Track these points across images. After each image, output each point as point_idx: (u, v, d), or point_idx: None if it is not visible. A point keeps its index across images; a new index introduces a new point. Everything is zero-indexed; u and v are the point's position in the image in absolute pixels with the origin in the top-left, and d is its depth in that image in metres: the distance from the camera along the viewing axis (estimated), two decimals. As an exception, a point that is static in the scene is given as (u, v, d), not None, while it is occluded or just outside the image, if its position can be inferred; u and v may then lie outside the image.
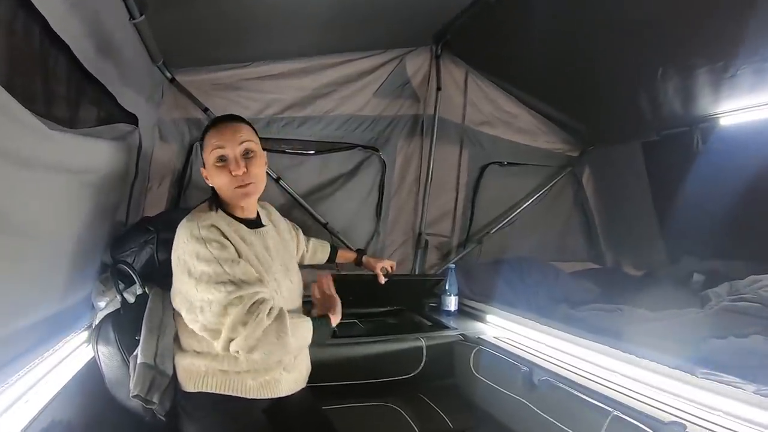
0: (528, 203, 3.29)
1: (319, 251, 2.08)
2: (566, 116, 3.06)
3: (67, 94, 1.28)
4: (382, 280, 2.12)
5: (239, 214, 1.48)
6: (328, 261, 2.14)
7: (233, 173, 1.37)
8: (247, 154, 1.40)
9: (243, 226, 1.46)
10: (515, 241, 3.29)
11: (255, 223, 1.53)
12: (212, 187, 1.45)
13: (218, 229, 1.35)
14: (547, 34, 2.21)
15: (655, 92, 2.33)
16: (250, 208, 1.52)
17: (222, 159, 1.38)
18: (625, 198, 3.26)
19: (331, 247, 2.14)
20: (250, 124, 1.48)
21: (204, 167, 1.44)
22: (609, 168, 3.29)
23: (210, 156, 1.39)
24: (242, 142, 1.40)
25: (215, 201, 1.45)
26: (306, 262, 2.04)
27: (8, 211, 0.93)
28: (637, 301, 2.33)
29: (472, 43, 2.71)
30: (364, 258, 2.17)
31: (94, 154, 1.34)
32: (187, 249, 1.30)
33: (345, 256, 2.18)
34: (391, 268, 2.18)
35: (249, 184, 1.40)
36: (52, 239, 1.22)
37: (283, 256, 1.59)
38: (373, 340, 2.11)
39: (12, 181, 0.91)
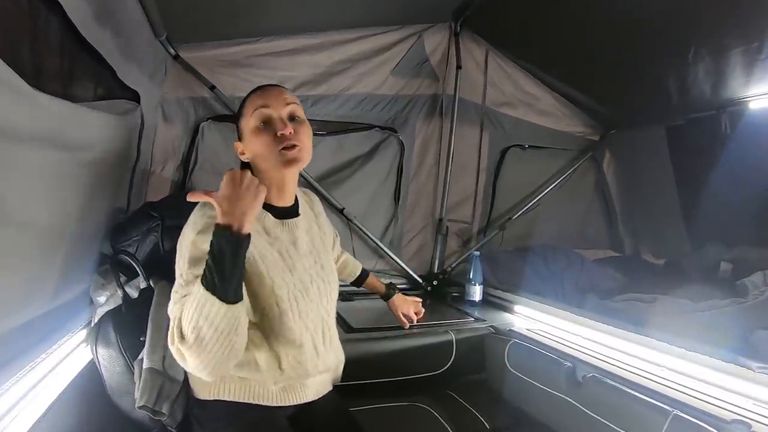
0: (549, 188, 3.19)
1: (349, 267, 1.85)
2: (589, 98, 2.97)
3: (60, 63, 1.15)
4: (406, 325, 1.88)
5: (273, 199, 1.28)
6: (353, 283, 1.88)
7: (279, 132, 1.18)
8: (293, 119, 1.24)
9: (270, 216, 1.27)
10: (536, 228, 3.20)
11: (287, 213, 1.32)
12: (244, 164, 1.27)
13: None
14: (572, 12, 2.14)
15: (684, 74, 2.25)
16: (288, 190, 1.31)
17: (266, 122, 1.21)
18: (646, 183, 3.18)
19: (362, 270, 1.89)
20: (291, 92, 1.30)
21: (240, 140, 1.27)
22: (630, 152, 3.21)
23: (250, 120, 1.21)
24: (288, 104, 1.23)
25: None
26: None
27: None
28: (669, 290, 2.27)
29: (493, 21, 2.62)
30: (390, 300, 1.87)
31: (92, 128, 1.20)
32: (183, 235, 1.12)
33: (374, 285, 1.89)
34: (417, 314, 1.91)
35: (296, 146, 1.20)
36: (44, 226, 1.07)
37: (319, 252, 1.39)
38: (399, 334, 1.99)
39: None
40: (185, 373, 1.28)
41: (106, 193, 1.49)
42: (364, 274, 1.88)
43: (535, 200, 3.15)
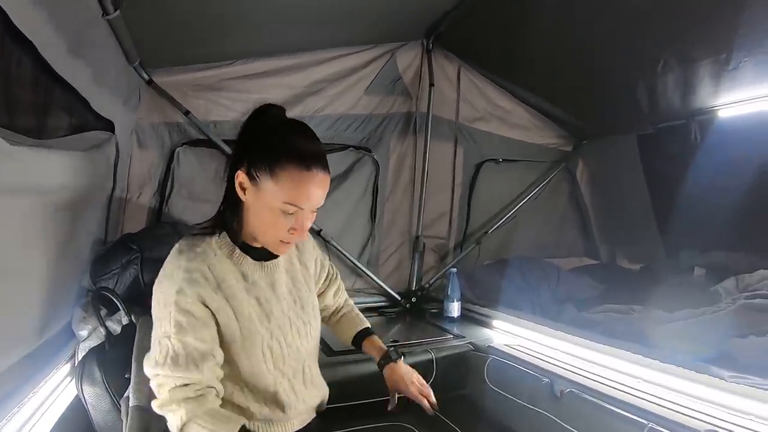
0: (524, 200, 3.22)
1: (345, 323, 1.62)
2: (560, 110, 3.02)
3: (33, 99, 1.16)
4: (392, 405, 1.53)
5: (252, 242, 1.24)
6: (352, 342, 1.60)
7: (293, 231, 1.15)
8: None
9: (248, 259, 1.23)
10: (512, 240, 3.24)
11: (266, 254, 1.26)
12: (229, 203, 1.20)
13: (202, 274, 1.13)
14: (542, 27, 2.17)
15: (653, 84, 2.29)
16: None
17: (288, 213, 1.13)
18: (619, 191, 3.22)
19: (365, 329, 1.59)
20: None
21: (251, 181, 1.12)
22: (603, 161, 3.25)
23: (278, 195, 1.10)
24: (320, 205, 1.17)
25: (223, 221, 1.20)
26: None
27: None
28: (644, 299, 2.30)
29: (464, 37, 2.66)
30: (386, 369, 1.50)
31: (66, 169, 1.20)
32: (160, 290, 1.11)
33: (374, 347, 1.54)
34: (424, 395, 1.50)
35: (296, 236, 1.17)
36: (23, 270, 1.08)
37: (300, 290, 1.35)
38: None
39: None
40: None
41: (84, 227, 1.49)
42: (364, 334, 1.58)
43: (511, 213, 3.18)
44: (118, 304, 1.42)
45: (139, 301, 1.43)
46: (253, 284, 1.23)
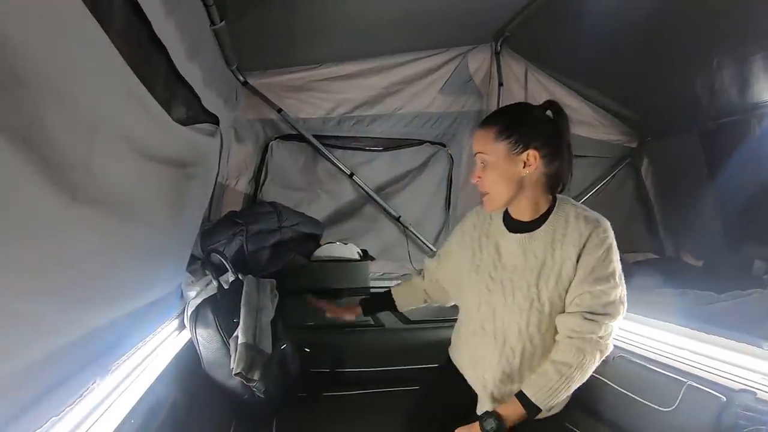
0: (589, 195, 3.28)
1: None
2: (624, 108, 3.05)
3: (165, 94, 1.38)
4: None
5: (511, 212, 1.46)
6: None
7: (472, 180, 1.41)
8: (483, 164, 1.37)
9: (500, 226, 1.46)
10: None
11: (520, 227, 1.42)
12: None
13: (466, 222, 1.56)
14: (604, 27, 2.19)
15: (711, 80, 2.30)
16: (516, 210, 1.44)
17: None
18: (684, 187, 3.17)
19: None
20: (498, 125, 1.35)
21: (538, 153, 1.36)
22: (667, 159, 3.22)
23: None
24: (476, 154, 1.38)
25: None
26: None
27: (134, 201, 1.03)
28: (702, 286, 2.28)
29: (530, 39, 2.72)
30: None
31: (195, 146, 1.44)
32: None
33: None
34: None
35: (483, 194, 1.39)
36: (162, 229, 1.31)
37: (524, 272, 1.39)
38: (412, 327, 2.22)
39: (141, 171, 1.01)
40: None
41: (197, 203, 1.72)
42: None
43: (578, 207, 3.22)
44: (227, 264, 1.67)
45: (243, 266, 1.69)
46: (485, 247, 1.51)
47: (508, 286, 1.39)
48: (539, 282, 1.35)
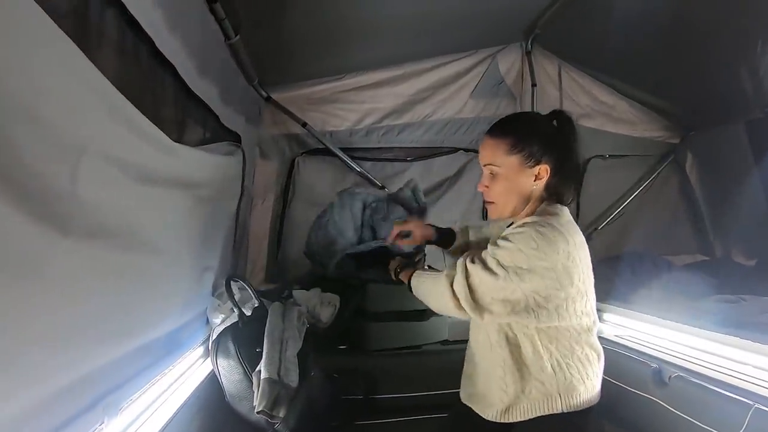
0: (633, 195, 3.16)
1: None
2: (663, 101, 2.95)
3: (174, 114, 1.32)
4: None
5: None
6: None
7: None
8: (492, 174, 1.34)
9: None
10: (622, 237, 3.16)
11: None
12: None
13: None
14: (637, 17, 2.13)
15: (755, 67, 2.20)
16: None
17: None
18: (731, 182, 3.04)
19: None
20: (511, 138, 1.31)
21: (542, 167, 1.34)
22: (712, 152, 3.11)
23: None
24: (485, 165, 1.35)
25: None
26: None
27: (136, 228, 0.97)
28: (758, 290, 2.21)
29: (562, 35, 2.64)
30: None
31: (207, 167, 1.38)
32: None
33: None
34: None
35: (489, 202, 1.37)
36: (173, 255, 1.25)
37: None
38: (451, 348, 2.20)
39: (139, 196, 0.95)
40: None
41: (218, 225, 1.68)
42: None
43: (620, 209, 3.12)
44: (250, 290, 1.60)
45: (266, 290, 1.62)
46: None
47: None
48: None
